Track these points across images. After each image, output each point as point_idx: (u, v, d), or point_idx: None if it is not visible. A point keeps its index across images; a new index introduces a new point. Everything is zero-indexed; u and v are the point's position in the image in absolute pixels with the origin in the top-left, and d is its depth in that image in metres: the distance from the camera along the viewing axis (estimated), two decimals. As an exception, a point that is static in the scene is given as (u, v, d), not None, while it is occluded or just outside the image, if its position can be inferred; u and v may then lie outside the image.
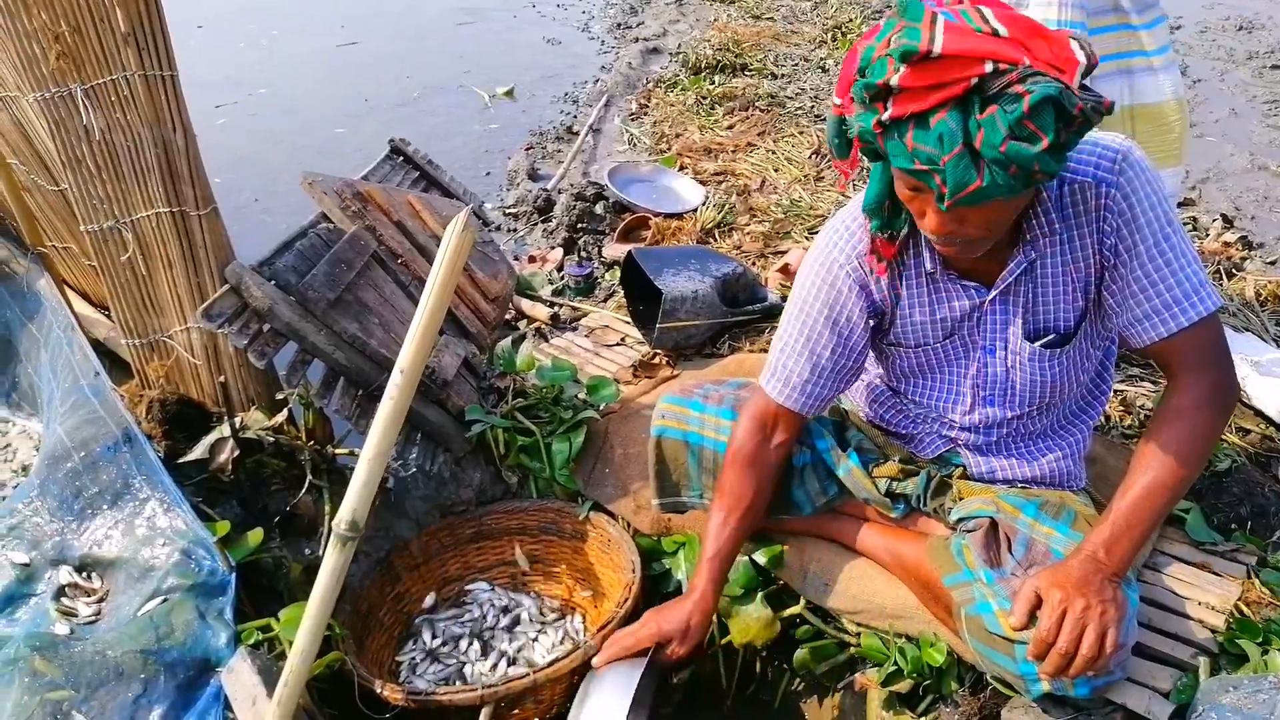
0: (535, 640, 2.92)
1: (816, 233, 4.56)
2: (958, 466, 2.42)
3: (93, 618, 2.43)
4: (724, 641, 2.76)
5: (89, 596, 2.51)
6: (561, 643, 2.89)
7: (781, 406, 2.30)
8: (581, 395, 3.33)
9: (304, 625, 1.62)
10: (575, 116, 7.58)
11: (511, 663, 2.83)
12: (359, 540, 1.62)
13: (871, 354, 2.38)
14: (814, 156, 5.64)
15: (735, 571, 2.71)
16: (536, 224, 5.27)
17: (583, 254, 4.58)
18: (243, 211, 5.60)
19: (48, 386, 3.21)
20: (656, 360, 3.56)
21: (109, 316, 4.04)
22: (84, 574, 2.56)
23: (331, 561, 1.62)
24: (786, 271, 4.02)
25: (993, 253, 1.99)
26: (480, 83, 8.66)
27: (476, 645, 2.90)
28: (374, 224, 3.58)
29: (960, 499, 2.38)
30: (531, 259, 4.68)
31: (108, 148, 2.65)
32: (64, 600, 2.49)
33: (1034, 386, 2.18)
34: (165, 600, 2.33)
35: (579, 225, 4.82)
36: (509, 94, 8.52)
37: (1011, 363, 2.16)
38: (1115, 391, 3.20)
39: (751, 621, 2.69)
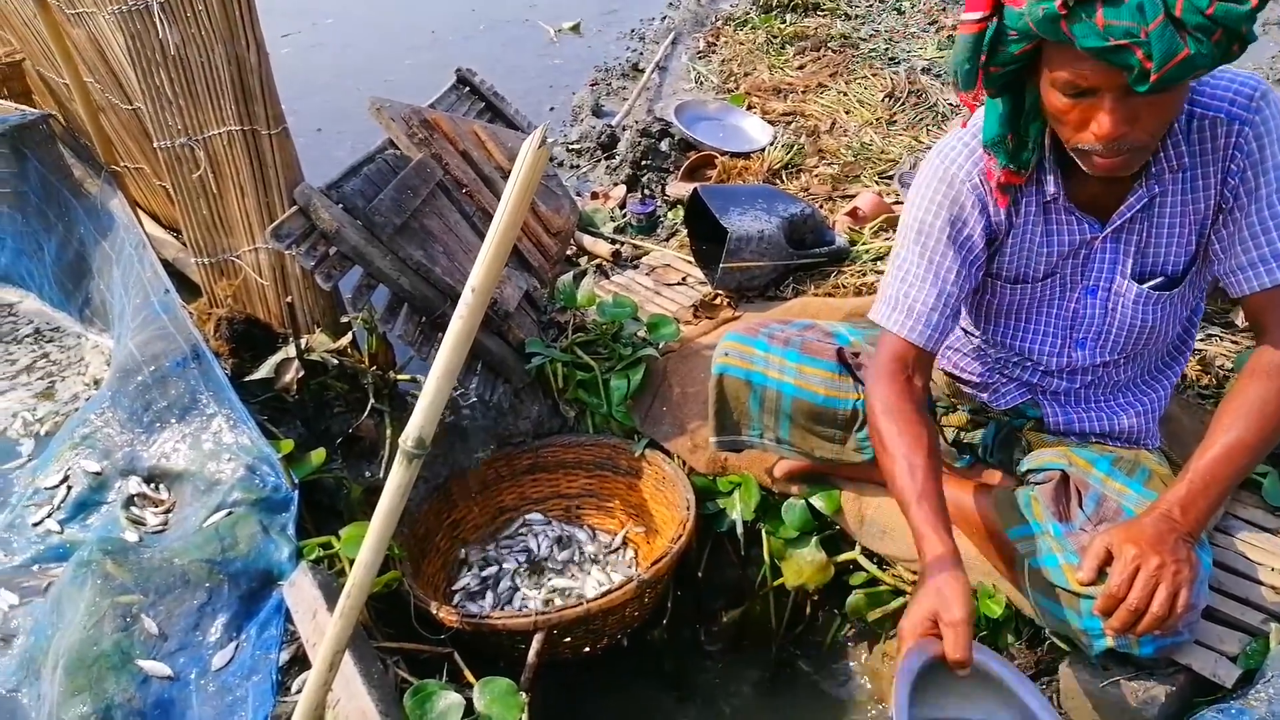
0: (587, 573, 2.94)
1: (888, 177, 4.45)
2: (1031, 419, 2.35)
3: (160, 527, 2.49)
4: (776, 583, 2.75)
5: (156, 507, 2.58)
6: (613, 577, 2.91)
7: (910, 343, 2.06)
8: (641, 333, 3.30)
9: (368, 538, 1.64)
10: (641, 53, 7.44)
11: (563, 594, 2.86)
12: (423, 459, 1.62)
13: None
14: (887, 100, 5.48)
15: (790, 514, 2.69)
16: (599, 160, 5.21)
17: (646, 191, 4.51)
18: (307, 141, 5.61)
19: (119, 302, 3.27)
20: (718, 301, 3.51)
21: (177, 238, 4.11)
22: (152, 485, 2.62)
23: (397, 478, 1.62)
24: (855, 215, 3.92)
25: (1112, 185, 1.91)
26: (545, 18, 8.54)
27: (529, 575, 2.93)
28: (440, 152, 3.56)
29: (1029, 451, 2.32)
30: (594, 195, 4.63)
31: (182, 63, 2.65)
32: (133, 509, 2.55)
33: (1131, 331, 2.10)
34: (230, 514, 2.38)
35: (643, 162, 4.75)
36: (574, 29, 8.39)
37: (1113, 304, 2.08)
38: (1194, 350, 3.09)
39: (805, 564, 2.68)
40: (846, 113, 5.37)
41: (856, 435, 2.44)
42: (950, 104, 5.46)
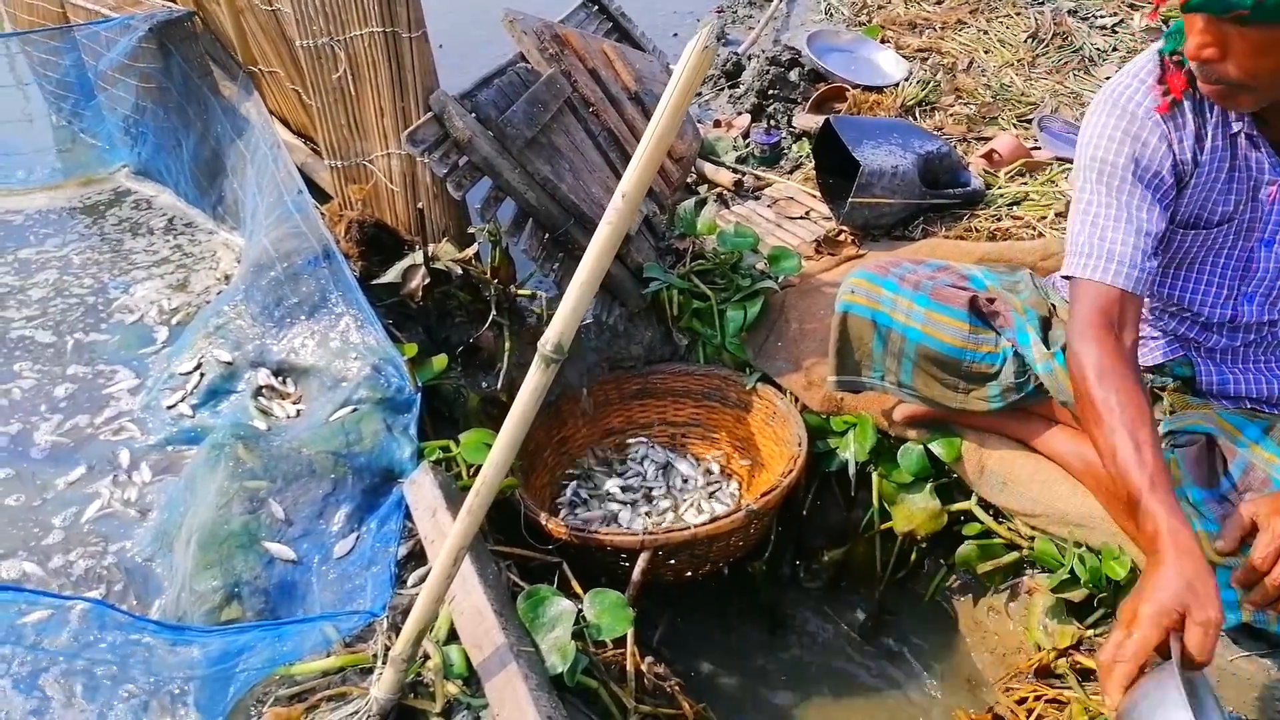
0: (689, 500, 2.94)
1: (1027, 120, 4.24)
2: (1178, 379, 2.23)
3: (287, 419, 2.57)
4: (883, 527, 2.71)
5: (283, 399, 2.66)
6: (715, 506, 2.90)
7: (1116, 290, 1.85)
8: (761, 265, 3.24)
9: (502, 438, 1.65)
10: (769, -19, 7.22)
11: (665, 518, 2.87)
12: (560, 364, 1.62)
13: None
14: (1029, 41, 5.19)
15: (907, 459, 2.63)
16: (723, 89, 5.09)
17: (771, 122, 4.40)
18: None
19: (252, 200, 3.36)
20: (842, 238, 3.42)
21: (306, 143, 4.18)
22: (280, 378, 2.70)
23: (534, 381, 1.62)
24: (991, 158, 3.75)
25: None
26: (673, -60, 8.33)
27: (633, 496, 2.95)
28: (569, 69, 3.51)
29: (1172, 412, 2.20)
30: (717, 124, 4.53)
31: (329, -39, 2.66)
32: (261, 400, 2.64)
33: None
34: (355, 410, 2.44)
35: (769, 92, 4.62)
36: (701, -46, 8.16)
37: None
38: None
39: (916, 511, 2.62)
40: (985, 52, 5.11)
41: (988, 388, 2.35)
42: (1097, 48, 5.16)
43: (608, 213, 1.55)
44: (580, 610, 2.03)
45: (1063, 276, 2.00)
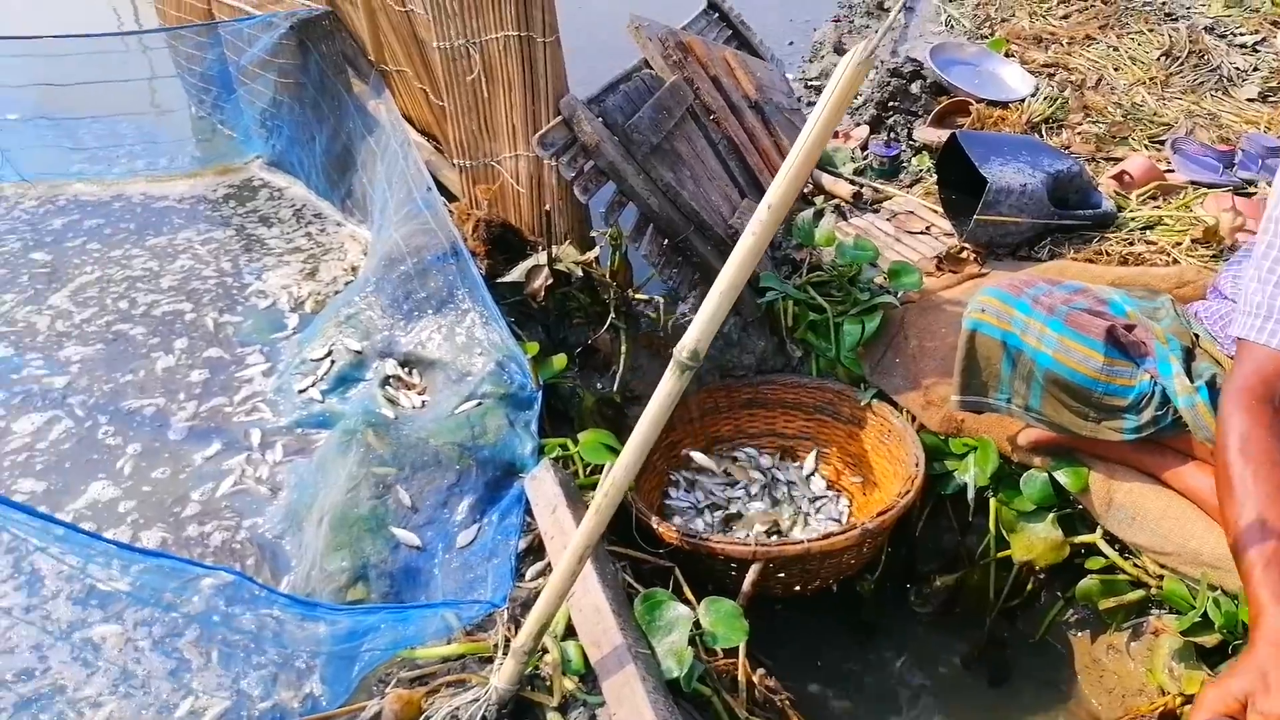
0: (798, 514, 2.92)
1: (1159, 141, 4.09)
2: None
3: (413, 409, 2.64)
4: (1000, 554, 2.64)
5: (409, 389, 2.74)
6: (824, 521, 2.88)
7: None
8: (880, 279, 3.20)
9: (632, 441, 1.67)
10: (887, -8, 7.13)
11: (774, 531, 2.86)
12: (695, 371, 1.62)
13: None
14: (1163, 59, 5.01)
15: (1029, 486, 2.57)
16: (840, 100, 5.04)
17: (891, 134, 4.34)
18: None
19: (381, 196, 3.46)
20: (964, 255, 3.35)
21: (430, 141, 4.29)
22: (406, 369, 2.78)
23: (668, 386, 1.63)
24: (1123, 179, 3.63)
25: None
26: (789, -52, 8.30)
27: (740, 507, 2.94)
28: (692, 76, 3.53)
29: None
30: (834, 134, 4.49)
31: (473, -34, 2.72)
32: (388, 389, 2.72)
33: None
34: (480, 404, 2.49)
35: (890, 104, 4.56)
36: (818, -37, 8.12)
37: None
38: None
39: (1037, 540, 2.56)
40: (1115, 69, 4.95)
41: (1124, 419, 2.27)
42: (1236, 68, 4.94)
43: (751, 223, 1.55)
44: (696, 617, 2.03)
45: (1234, 338, 1.90)
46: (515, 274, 2.87)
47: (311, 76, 3.80)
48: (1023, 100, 4.46)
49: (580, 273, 2.92)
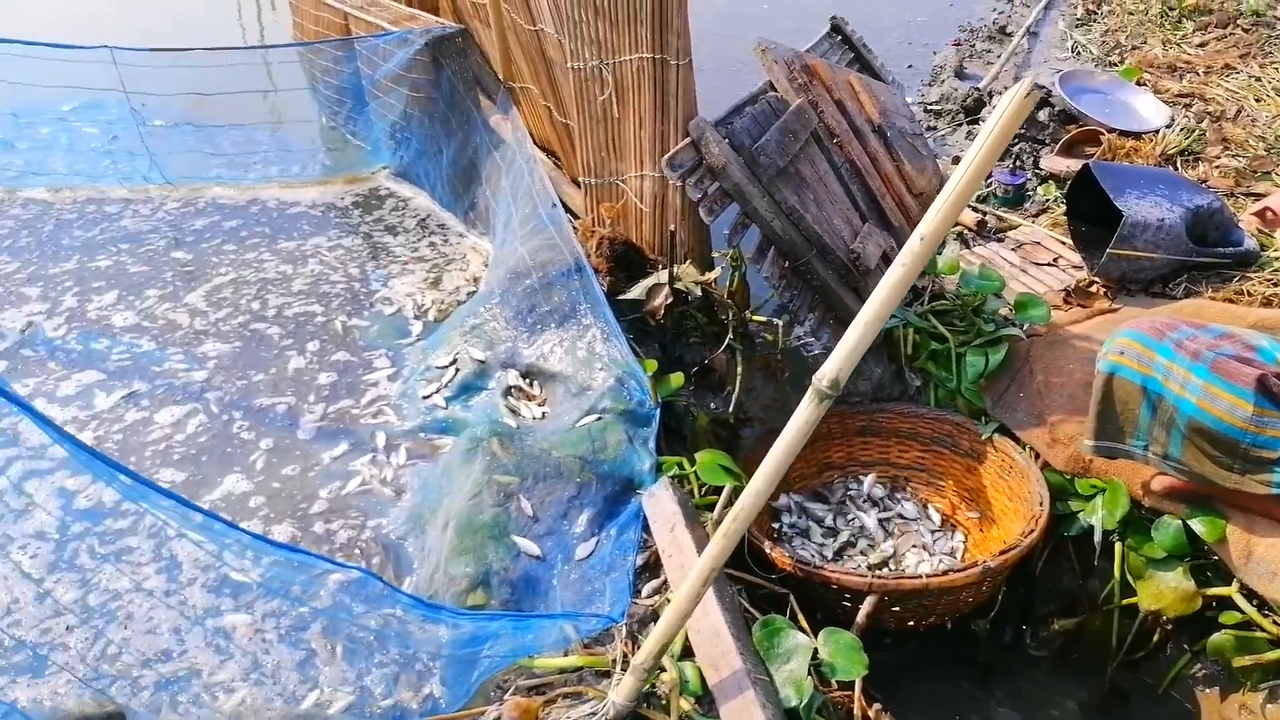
0: (910, 546, 2.86)
1: (1308, 178, 3.90)
2: None
3: (533, 420, 2.69)
4: (1125, 602, 2.55)
5: (530, 400, 2.79)
6: (939, 556, 2.82)
7: None
8: (1005, 311, 3.13)
9: (766, 467, 1.67)
10: (1009, 16, 7.00)
11: (886, 562, 2.81)
12: (833, 400, 1.62)
13: None
14: (1310, 91, 4.78)
15: (1161, 533, 2.47)
16: (961, 124, 4.96)
17: (1016, 162, 4.25)
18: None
19: (505, 210, 3.54)
20: (1094, 289, 3.25)
21: (549, 158, 4.37)
22: (528, 380, 2.84)
23: (805, 414, 1.63)
24: (1265, 216, 3.47)
25: None
26: (909, -29, 8.22)
27: (850, 536, 2.90)
28: (816, 99, 3.51)
29: None
30: (956, 160, 4.42)
31: (612, -11, 2.78)
32: (510, 399, 2.78)
33: None
34: (600, 419, 2.52)
35: (1015, 131, 4.45)
36: (938, -15, 8.02)
37: None
38: None
39: (1167, 590, 2.46)
40: (1257, 100, 4.74)
41: (1273, 473, 2.17)
42: (1391, 102, 4.69)
43: (902, 254, 1.54)
44: (815, 647, 2.01)
45: None
46: (636, 291, 2.90)
47: (443, 91, 3.91)
48: (1157, 131, 4.31)
49: (699, 292, 2.94)
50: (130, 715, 2.09)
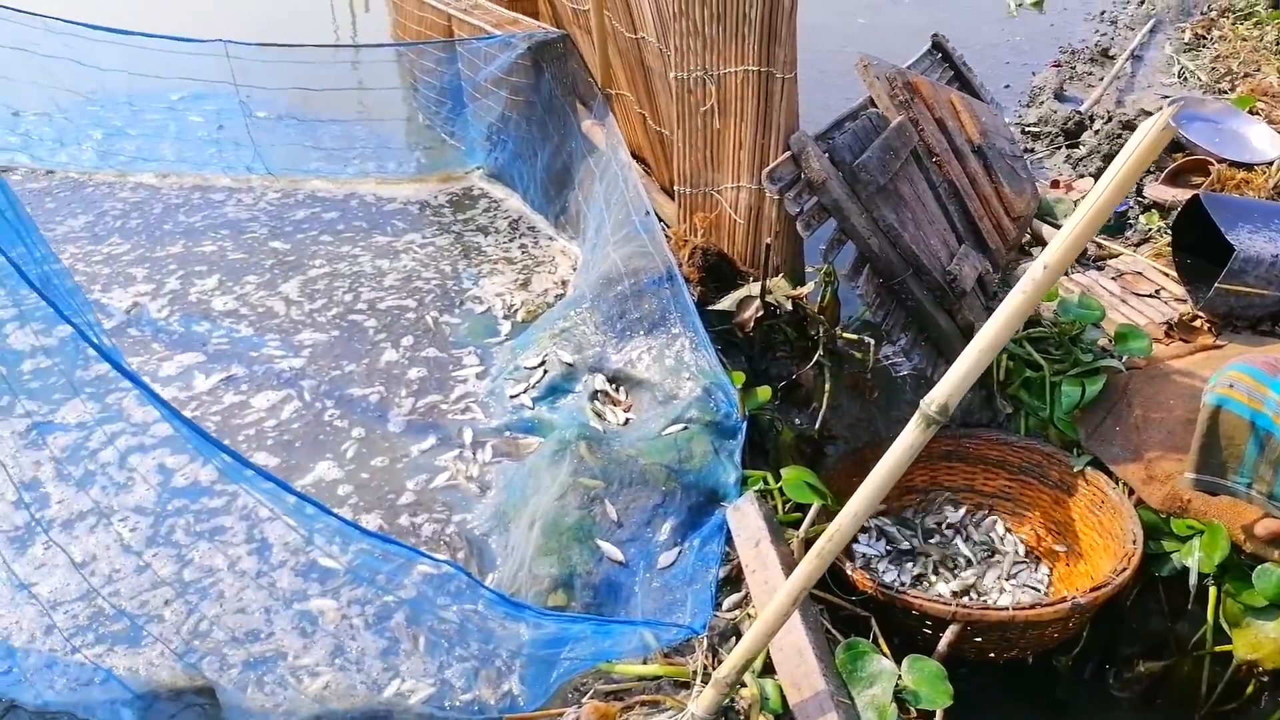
0: (994, 576, 2.80)
1: None
2: None
3: (618, 426, 2.71)
4: (1218, 649, 2.46)
5: (615, 406, 2.80)
6: (1021, 588, 2.75)
7: None
8: (1103, 341, 3.05)
9: (866, 490, 1.65)
10: (1112, 39, 6.82)
11: (963, 591, 2.76)
12: (940, 426, 1.60)
13: None
14: None
15: (1264, 580, 2.37)
16: (1060, 147, 4.85)
17: (1118, 190, 4.13)
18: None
19: (598, 215, 3.57)
20: (1198, 324, 3.14)
21: (639, 165, 4.39)
22: (614, 385, 2.85)
23: (910, 439, 1.61)
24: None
25: None
26: (1008, -12, 8.08)
27: (930, 561, 2.85)
28: (917, 117, 3.47)
29: None
30: (1055, 184, 4.32)
31: (718, 1, 2.78)
32: (596, 403, 2.79)
33: None
34: (686, 428, 2.53)
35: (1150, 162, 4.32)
36: (1037, 5, 7.88)
37: None
38: None
39: (1266, 640, 2.36)
40: (1378, 135, 4.53)
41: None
42: None
43: (1023, 281, 1.51)
44: (899, 673, 1.98)
45: None
46: (726, 303, 2.89)
47: (542, 95, 3.96)
48: (1270, 163, 4.15)
49: (790, 307, 2.92)
50: (219, 691, 2.15)
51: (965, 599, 2.69)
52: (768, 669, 1.99)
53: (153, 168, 4.79)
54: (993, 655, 2.53)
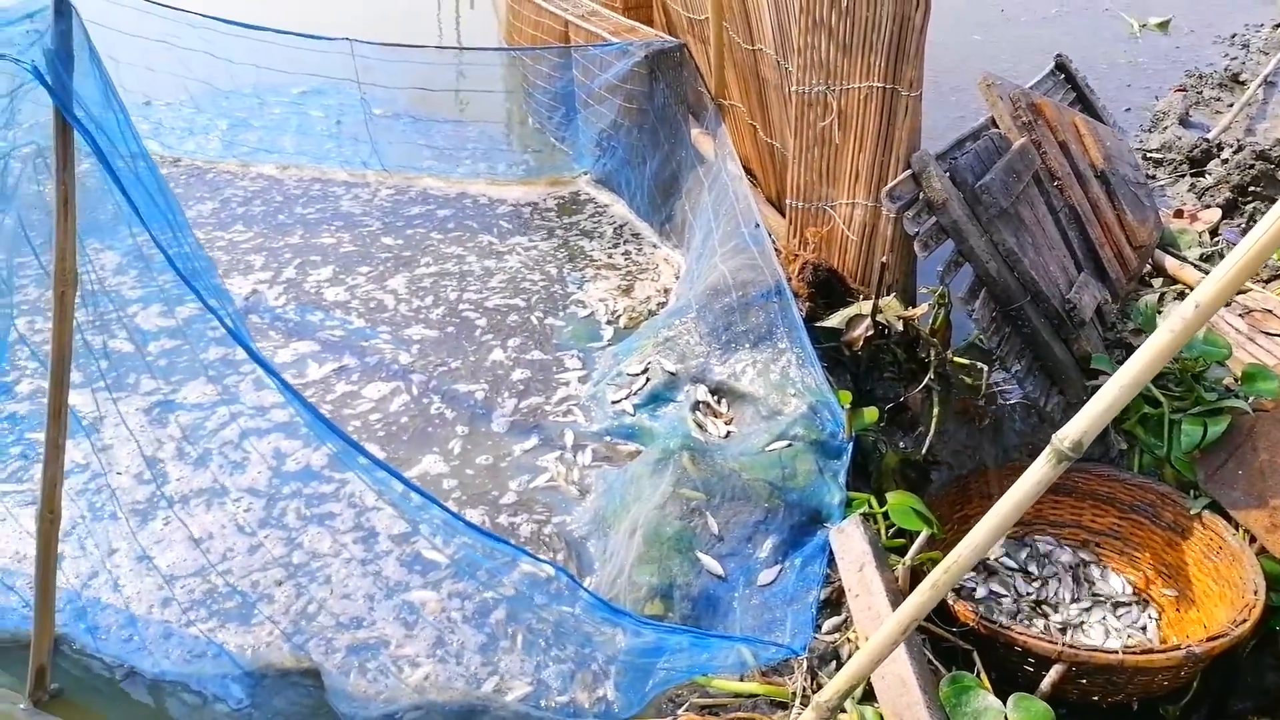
0: (1102, 617, 2.71)
1: None
2: None
3: (719, 438, 2.70)
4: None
5: (716, 418, 2.80)
6: (1126, 630, 2.65)
7: None
8: (1229, 381, 2.92)
9: (988, 524, 1.62)
10: (1243, 63, 6.53)
11: (1064, 629, 2.67)
12: (1072, 461, 1.55)
13: None
14: None
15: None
16: (1184, 175, 4.67)
17: (1250, 221, 3.96)
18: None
19: (705, 225, 3.57)
20: (1333, 368, 2.98)
21: (749, 175, 4.38)
22: (716, 397, 2.85)
23: (1039, 474, 1.57)
24: None
25: None
26: (1129, 8, 7.80)
27: (1031, 595, 2.77)
28: (1040, 139, 3.39)
29: None
30: (1178, 214, 4.16)
31: (850, 15, 2.75)
32: (697, 414, 2.79)
33: None
34: (790, 445, 2.51)
35: (1250, 188, 4.16)
36: (1162, 26, 7.58)
37: None
38: None
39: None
40: None
41: None
42: None
43: (1172, 319, 1.46)
44: (1005, 712, 1.93)
45: None
46: (835, 320, 2.86)
47: (655, 104, 3.99)
48: None
49: (900, 327, 2.87)
50: (324, 674, 2.21)
51: (1067, 638, 2.61)
52: (868, 696, 1.96)
53: (274, 159, 4.97)
54: (1096, 698, 2.44)
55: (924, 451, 2.77)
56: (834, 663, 2.05)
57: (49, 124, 1.90)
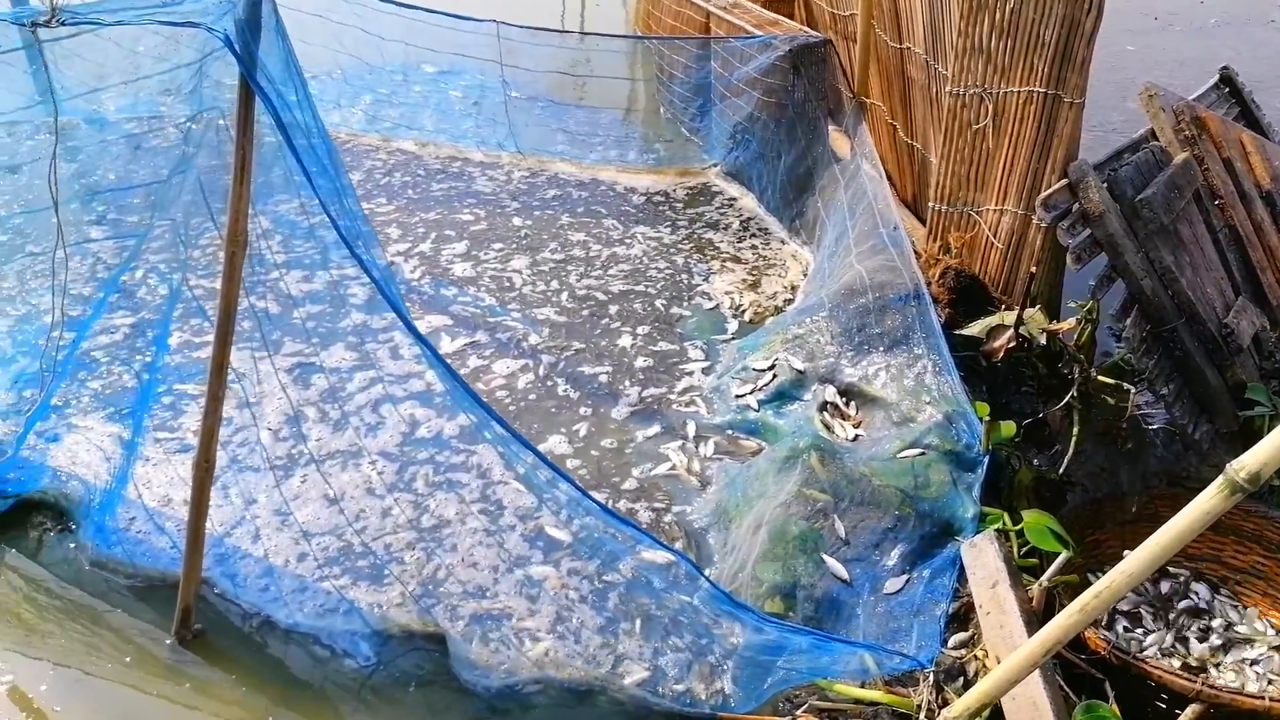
0: (1241, 659, 2.57)
1: None
2: None
3: (846, 441, 2.66)
4: None
5: (844, 420, 2.76)
6: (1267, 675, 2.51)
7: None
8: (1403, 421, 2.73)
9: (1146, 552, 1.56)
10: None
11: (1199, 667, 2.55)
12: (1246, 494, 1.48)
13: None
14: None
15: None
16: (1355, 202, 4.37)
17: None
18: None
19: (839, 223, 3.52)
20: None
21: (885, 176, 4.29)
22: (845, 399, 2.81)
23: (1208, 505, 1.50)
24: None
25: None
26: (1301, 19, 7.37)
27: (1163, 630, 2.65)
28: (1203, 155, 3.23)
29: None
30: (1347, 241, 3.90)
31: (1012, 17, 2.67)
32: (825, 415, 2.76)
33: None
34: (924, 454, 2.46)
35: None
36: (1335, 39, 7.14)
37: None
38: None
39: None
40: None
41: None
42: None
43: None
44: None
45: None
46: (975, 328, 2.79)
47: (795, 99, 3.95)
48: None
49: (1043, 340, 2.78)
50: (449, 640, 2.26)
51: (1202, 675, 2.49)
52: (995, 716, 1.91)
53: (414, 135, 5.11)
54: (1232, 744, 2.32)
55: (1060, 471, 2.68)
56: (960, 679, 2.01)
57: (234, 89, 1.99)
